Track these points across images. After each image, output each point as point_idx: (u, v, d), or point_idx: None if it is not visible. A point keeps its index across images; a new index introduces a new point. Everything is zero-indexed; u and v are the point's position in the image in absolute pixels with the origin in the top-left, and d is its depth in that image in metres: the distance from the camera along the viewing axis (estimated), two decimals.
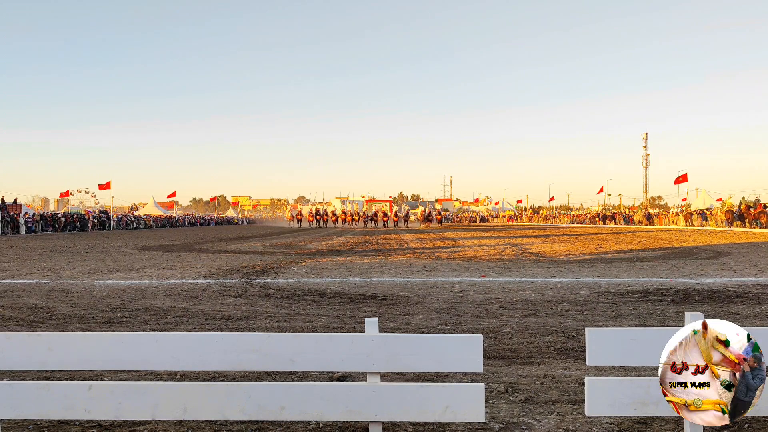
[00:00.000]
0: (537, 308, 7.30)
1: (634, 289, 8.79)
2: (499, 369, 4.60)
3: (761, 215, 35.77)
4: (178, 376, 4.32)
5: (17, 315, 7.12)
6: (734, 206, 39.49)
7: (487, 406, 3.65)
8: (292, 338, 2.99)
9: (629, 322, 6.49)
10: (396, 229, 46.74)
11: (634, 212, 63.76)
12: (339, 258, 15.15)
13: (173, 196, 76.30)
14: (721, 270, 11.72)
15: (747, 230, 33.76)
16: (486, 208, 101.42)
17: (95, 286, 9.66)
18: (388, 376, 4.15)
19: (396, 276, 10.89)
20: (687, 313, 2.81)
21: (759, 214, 36.03)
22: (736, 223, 37.79)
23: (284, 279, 10.45)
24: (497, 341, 5.56)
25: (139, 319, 6.83)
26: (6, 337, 2.95)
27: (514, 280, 10.23)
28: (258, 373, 4.24)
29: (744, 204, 38.47)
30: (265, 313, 7.08)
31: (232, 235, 34.59)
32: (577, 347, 5.21)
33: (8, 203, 39.47)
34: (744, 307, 7.37)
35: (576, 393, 3.94)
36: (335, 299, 8.09)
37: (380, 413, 2.93)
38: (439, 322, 6.51)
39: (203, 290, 9.05)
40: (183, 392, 2.98)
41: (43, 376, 4.26)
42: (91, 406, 2.93)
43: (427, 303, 7.76)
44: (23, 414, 2.98)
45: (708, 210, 45.32)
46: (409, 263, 13.67)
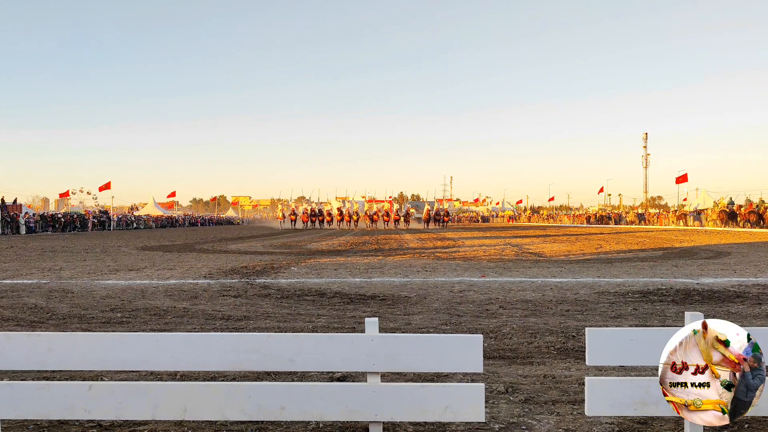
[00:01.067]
0: (537, 308, 7.30)
1: (634, 289, 8.79)
2: (499, 369, 4.60)
3: (751, 215, 36.82)
4: (178, 377, 4.32)
5: (17, 315, 7.12)
6: (725, 207, 40.07)
7: (487, 406, 3.65)
8: (292, 338, 2.99)
9: (629, 322, 6.49)
10: (396, 229, 46.67)
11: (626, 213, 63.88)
12: (339, 258, 15.16)
13: (173, 196, 76.30)
14: (721, 270, 11.72)
15: (747, 230, 33.79)
16: (486, 208, 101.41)
17: (95, 286, 9.67)
18: (388, 376, 4.15)
19: (396, 276, 10.89)
20: (687, 313, 2.81)
21: (749, 214, 37.08)
22: (730, 222, 38.29)
23: (284, 279, 10.45)
24: (497, 341, 5.56)
25: (139, 319, 6.83)
26: (6, 337, 2.96)
27: (514, 280, 10.23)
28: (258, 373, 4.24)
29: (736, 205, 39.30)
30: (265, 314, 7.08)
31: (233, 236, 34.59)
32: (578, 347, 5.21)
33: (8, 203, 39.47)
34: (744, 307, 7.37)
35: (576, 393, 3.94)
36: (335, 299, 8.09)
37: (380, 413, 2.93)
38: (439, 322, 6.51)
39: (203, 290, 9.05)
40: (183, 392, 2.98)
41: (43, 376, 4.26)
42: (91, 406, 2.93)
43: (427, 303, 7.76)
44: (23, 414, 2.98)
45: (702, 211, 45.55)
46: (409, 263, 13.68)
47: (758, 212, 36.59)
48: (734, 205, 40.02)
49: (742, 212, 38.01)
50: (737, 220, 37.64)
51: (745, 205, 39.55)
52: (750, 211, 37.39)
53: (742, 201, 43.42)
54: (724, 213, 39.21)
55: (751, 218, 36.20)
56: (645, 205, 74.81)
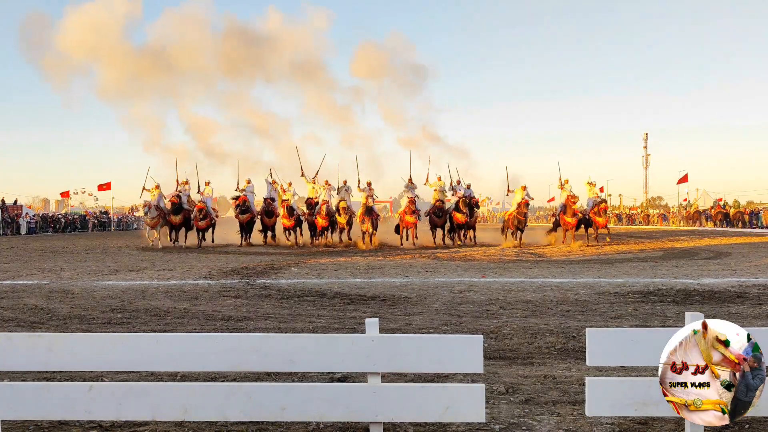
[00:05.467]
0: (537, 309, 7.30)
1: (635, 290, 8.79)
2: (500, 369, 4.60)
3: (718, 215, 38.85)
4: (178, 377, 4.32)
5: (18, 316, 7.13)
6: (720, 208, 41.34)
7: (488, 406, 3.65)
8: (292, 339, 2.99)
9: (630, 322, 6.49)
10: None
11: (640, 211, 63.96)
12: (339, 258, 15.16)
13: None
14: (721, 270, 11.72)
15: (747, 230, 33.85)
16: (487, 208, 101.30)
17: (95, 286, 9.67)
18: (388, 376, 4.15)
19: (396, 276, 10.89)
20: (687, 314, 2.81)
21: (717, 215, 39.06)
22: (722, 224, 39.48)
23: (285, 280, 10.45)
24: (498, 342, 5.56)
25: (139, 319, 6.83)
26: (7, 338, 2.96)
27: (515, 280, 10.23)
28: (258, 374, 4.24)
29: (728, 206, 40.83)
30: (266, 314, 7.08)
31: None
32: (578, 348, 5.21)
33: (8, 204, 39.50)
34: (744, 307, 7.37)
35: (576, 393, 3.94)
36: (335, 300, 8.09)
37: (381, 414, 2.93)
38: (440, 322, 6.51)
39: (204, 291, 9.05)
40: (183, 393, 2.98)
41: (44, 376, 4.25)
42: (91, 406, 2.93)
43: (427, 303, 7.76)
44: (24, 415, 2.98)
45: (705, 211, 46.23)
46: (409, 263, 13.67)
47: (725, 212, 38.75)
48: (728, 207, 41.38)
49: (713, 213, 40.29)
50: (727, 221, 38.90)
51: (713, 205, 41.55)
52: (738, 211, 39.74)
53: (743, 201, 44.52)
54: (721, 214, 40.09)
55: (719, 218, 38.72)
56: (645, 206, 74.78)
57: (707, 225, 40.28)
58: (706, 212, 42.49)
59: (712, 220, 40.08)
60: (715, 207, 40.24)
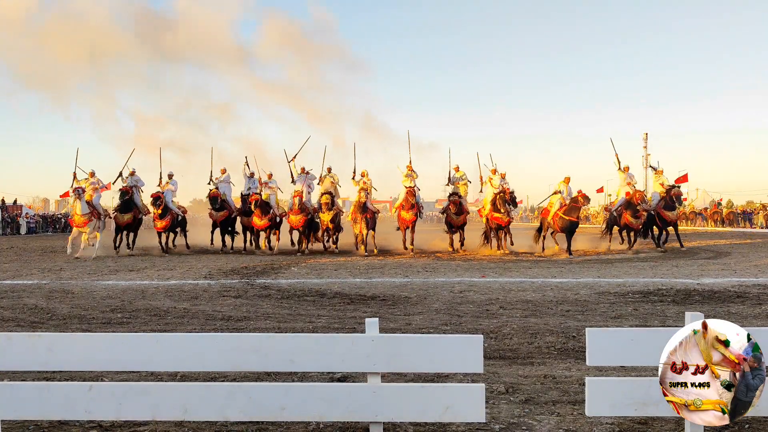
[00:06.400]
0: (537, 309, 7.30)
1: (635, 290, 8.79)
2: (500, 369, 4.60)
3: (715, 215, 40.40)
4: (178, 377, 4.32)
5: (18, 316, 7.13)
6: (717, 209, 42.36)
7: (488, 406, 3.65)
8: (293, 339, 2.99)
9: (630, 322, 6.49)
10: None
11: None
12: (339, 258, 15.15)
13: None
14: (721, 270, 11.72)
15: (747, 230, 33.86)
16: None
17: (95, 286, 9.67)
18: (388, 376, 4.15)
19: (396, 276, 10.90)
20: (687, 314, 2.81)
21: (713, 215, 40.60)
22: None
23: (284, 279, 10.45)
24: (498, 342, 5.56)
25: (139, 319, 6.83)
26: (7, 337, 2.96)
27: (515, 280, 10.23)
28: (258, 374, 4.24)
29: (722, 207, 42.08)
30: (266, 314, 7.08)
31: None
32: (578, 348, 5.21)
33: (8, 204, 39.50)
34: (744, 307, 7.37)
35: (576, 393, 3.94)
36: (335, 300, 8.09)
37: (381, 414, 2.93)
38: (440, 322, 6.51)
39: (203, 291, 9.05)
40: (183, 393, 2.98)
41: (44, 376, 4.25)
42: (91, 406, 2.93)
43: (427, 303, 7.76)
44: (24, 414, 2.98)
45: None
46: (409, 263, 13.67)
47: (720, 213, 40.22)
48: (723, 207, 42.39)
49: (708, 213, 41.59)
50: (722, 221, 39.85)
51: (710, 206, 43.04)
52: (714, 211, 41.21)
53: (743, 201, 45.20)
54: (717, 214, 40.88)
55: (716, 218, 40.07)
56: None
57: (703, 225, 40.60)
58: (702, 213, 42.86)
59: (708, 220, 40.71)
60: (711, 207, 40.97)
